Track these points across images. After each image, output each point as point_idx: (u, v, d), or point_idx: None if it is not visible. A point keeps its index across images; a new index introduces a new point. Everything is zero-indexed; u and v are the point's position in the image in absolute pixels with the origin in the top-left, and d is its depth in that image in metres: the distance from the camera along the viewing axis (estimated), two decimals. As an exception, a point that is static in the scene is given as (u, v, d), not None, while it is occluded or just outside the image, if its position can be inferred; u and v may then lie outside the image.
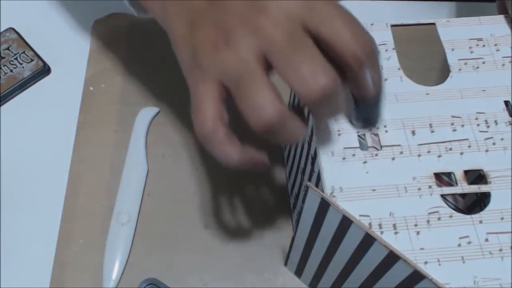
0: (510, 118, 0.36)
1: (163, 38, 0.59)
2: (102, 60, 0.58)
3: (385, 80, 0.38)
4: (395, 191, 0.33)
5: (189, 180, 0.52)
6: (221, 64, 0.31)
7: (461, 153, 0.34)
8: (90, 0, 0.62)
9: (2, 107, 0.56)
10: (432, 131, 0.35)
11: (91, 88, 0.57)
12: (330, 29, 0.29)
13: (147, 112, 0.55)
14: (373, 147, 0.34)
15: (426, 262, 0.31)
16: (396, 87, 0.37)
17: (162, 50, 0.59)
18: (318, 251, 0.37)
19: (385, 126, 0.35)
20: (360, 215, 0.32)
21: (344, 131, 0.35)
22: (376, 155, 0.34)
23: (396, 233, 0.32)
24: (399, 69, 0.38)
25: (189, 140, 0.54)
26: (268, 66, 0.30)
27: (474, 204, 0.38)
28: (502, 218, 0.32)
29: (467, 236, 0.32)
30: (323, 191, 0.32)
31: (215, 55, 0.31)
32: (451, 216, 0.32)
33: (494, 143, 0.35)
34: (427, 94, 0.37)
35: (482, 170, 0.34)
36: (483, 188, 0.33)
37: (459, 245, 0.32)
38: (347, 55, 0.29)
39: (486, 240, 0.32)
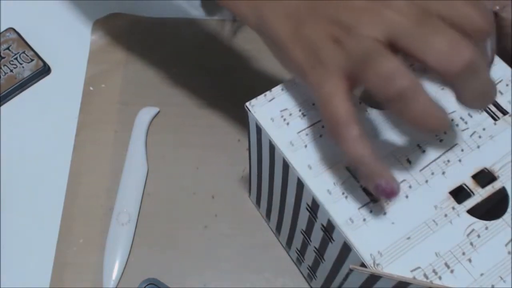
0: None
1: (163, 38, 0.59)
2: (102, 60, 0.58)
3: None
4: (427, 229, 0.32)
5: (189, 180, 0.52)
6: (346, 54, 0.30)
7: (460, 160, 0.34)
8: (90, 0, 0.62)
9: (2, 107, 0.56)
10: (423, 151, 0.34)
11: (91, 88, 0.57)
12: (453, 9, 0.29)
13: (147, 112, 0.55)
14: None
15: (493, 286, 0.30)
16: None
17: (162, 50, 0.59)
18: None
19: None
20: (412, 270, 0.31)
21: (348, 191, 0.33)
22: (391, 200, 0.33)
23: (452, 271, 0.31)
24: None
25: (189, 140, 0.54)
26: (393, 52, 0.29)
27: (497, 205, 0.37)
28: None
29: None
30: (363, 263, 0.31)
31: (338, 48, 0.30)
32: (487, 228, 0.32)
33: (480, 136, 0.35)
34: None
35: (485, 168, 0.34)
36: (496, 185, 0.33)
37: (509, 252, 0.31)
38: (475, 30, 0.29)
39: None
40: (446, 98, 0.35)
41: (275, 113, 0.36)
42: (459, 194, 0.33)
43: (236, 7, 0.36)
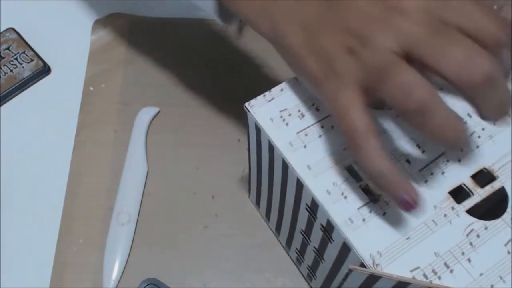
0: None
1: (163, 38, 0.59)
2: (102, 60, 0.58)
3: None
4: (427, 229, 0.32)
5: (189, 180, 0.52)
6: (361, 65, 0.30)
7: (459, 160, 0.34)
8: (90, 0, 0.62)
9: (2, 107, 0.56)
10: (423, 151, 0.34)
11: (91, 88, 0.57)
12: (468, 18, 0.29)
13: (147, 112, 0.55)
14: (382, 194, 0.33)
15: (492, 286, 0.30)
16: None
17: (162, 50, 0.59)
18: None
19: None
20: (411, 270, 0.31)
21: (348, 191, 0.33)
22: (390, 201, 0.33)
23: (451, 271, 0.31)
24: None
25: (189, 140, 0.54)
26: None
27: (497, 205, 0.37)
28: None
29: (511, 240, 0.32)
30: (362, 263, 0.31)
31: (353, 59, 0.30)
32: (486, 228, 0.32)
33: (479, 136, 0.35)
34: (397, 116, 0.36)
35: (484, 168, 0.34)
36: (495, 185, 0.33)
37: (509, 252, 0.31)
38: (491, 40, 0.29)
39: None
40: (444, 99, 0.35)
41: (275, 113, 0.36)
42: (459, 194, 0.33)
43: (250, 17, 0.35)
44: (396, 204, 0.30)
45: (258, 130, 0.36)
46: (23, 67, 0.57)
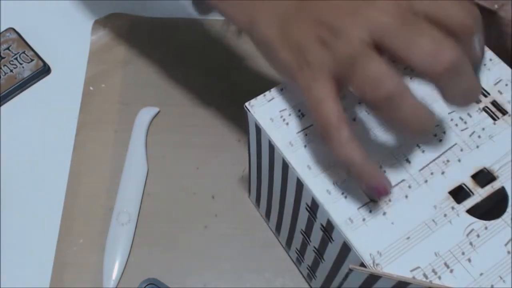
0: (478, 104, 0.36)
1: (163, 38, 0.59)
2: (102, 60, 0.58)
3: None
4: (427, 229, 0.32)
5: (189, 180, 0.52)
6: (333, 56, 0.30)
7: (459, 160, 0.34)
8: (90, 0, 0.62)
9: (2, 107, 0.56)
10: (423, 151, 0.34)
11: (91, 88, 0.57)
12: (438, 7, 0.30)
13: (147, 112, 0.55)
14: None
15: (492, 286, 0.30)
16: (367, 122, 0.36)
17: (162, 50, 0.59)
18: None
19: (381, 167, 0.34)
20: (411, 270, 0.31)
21: (348, 191, 0.33)
22: (390, 200, 0.33)
23: (451, 271, 0.31)
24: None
25: (189, 140, 0.54)
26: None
27: (497, 205, 0.37)
28: None
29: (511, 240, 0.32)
30: (362, 263, 0.31)
31: (325, 50, 0.30)
32: (486, 228, 0.32)
33: (479, 136, 0.35)
34: None
35: (484, 168, 0.34)
36: (495, 185, 0.33)
37: (509, 252, 0.31)
38: (460, 28, 0.30)
39: None
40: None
41: (275, 113, 0.36)
42: (459, 194, 0.33)
43: (227, 9, 0.36)
44: (367, 191, 0.31)
45: (258, 130, 0.36)
46: (23, 67, 0.57)
